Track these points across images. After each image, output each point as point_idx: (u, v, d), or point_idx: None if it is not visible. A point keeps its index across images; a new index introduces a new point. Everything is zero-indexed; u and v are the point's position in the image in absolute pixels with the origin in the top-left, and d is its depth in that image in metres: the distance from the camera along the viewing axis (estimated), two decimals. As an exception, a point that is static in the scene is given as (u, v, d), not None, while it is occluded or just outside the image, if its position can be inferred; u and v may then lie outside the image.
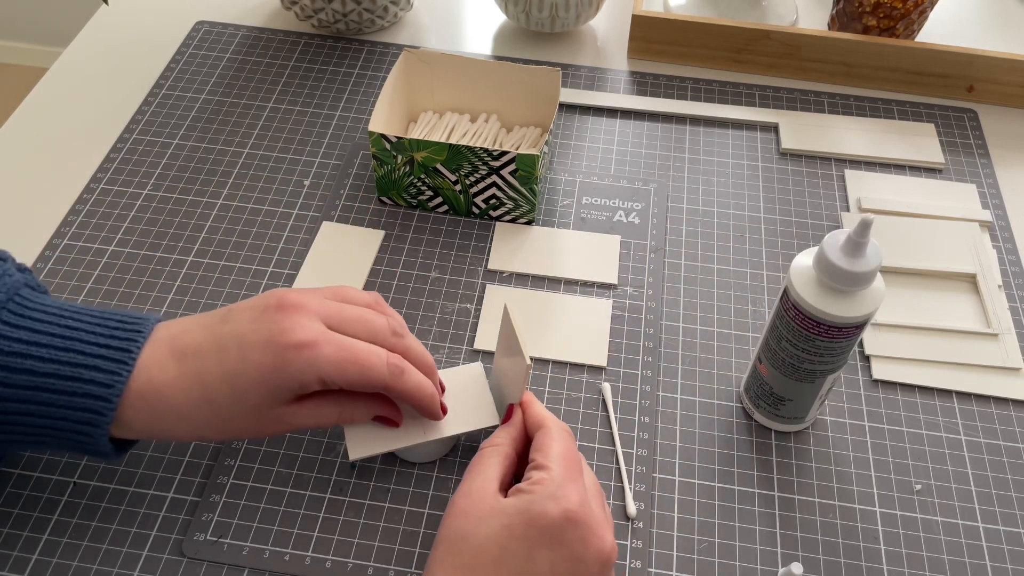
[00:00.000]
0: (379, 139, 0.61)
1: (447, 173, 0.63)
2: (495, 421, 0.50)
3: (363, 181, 0.68)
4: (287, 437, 0.54)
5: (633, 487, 0.52)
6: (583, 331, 0.59)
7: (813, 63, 0.77)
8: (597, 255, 0.64)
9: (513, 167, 0.61)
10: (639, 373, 0.58)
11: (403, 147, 0.61)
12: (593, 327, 0.60)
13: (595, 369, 0.58)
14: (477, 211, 0.65)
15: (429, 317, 0.60)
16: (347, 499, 0.51)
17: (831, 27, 0.80)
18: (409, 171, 0.63)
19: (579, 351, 0.58)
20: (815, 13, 0.85)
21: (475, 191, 0.64)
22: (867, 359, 0.59)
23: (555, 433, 0.46)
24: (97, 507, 0.50)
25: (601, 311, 0.60)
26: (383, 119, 0.64)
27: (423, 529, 0.50)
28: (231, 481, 0.51)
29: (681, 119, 0.75)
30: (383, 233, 0.65)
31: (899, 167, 0.72)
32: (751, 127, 0.74)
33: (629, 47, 0.80)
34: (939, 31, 0.83)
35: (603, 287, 0.62)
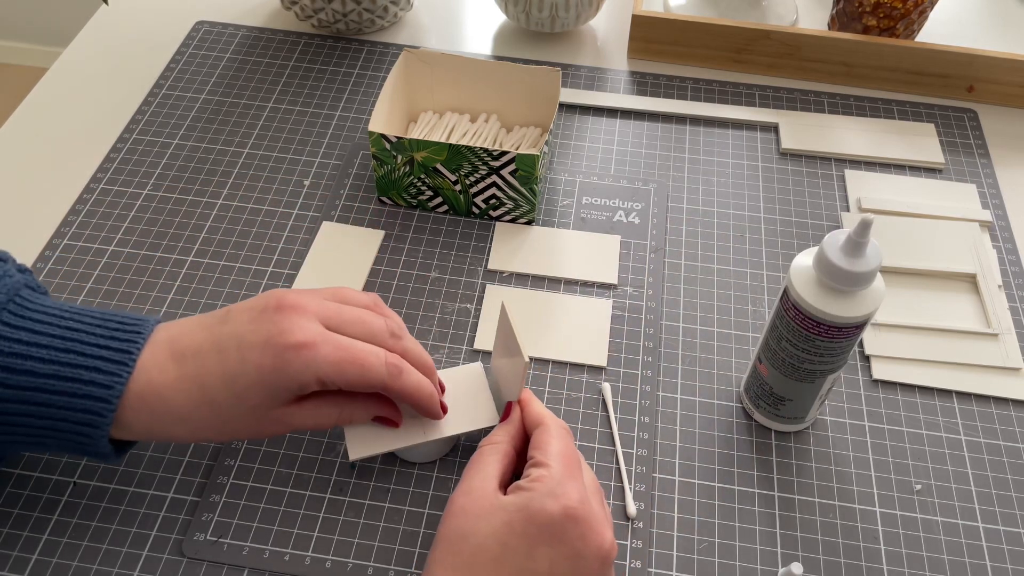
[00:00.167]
0: (379, 139, 0.61)
1: (447, 173, 0.63)
2: (495, 421, 0.50)
3: (363, 181, 0.68)
4: (287, 437, 0.54)
5: (633, 487, 0.52)
6: (583, 331, 0.59)
7: (813, 63, 0.77)
8: (597, 255, 0.64)
9: (513, 167, 0.61)
10: (639, 373, 0.58)
11: (403, 147, 0.61)
12: (593, 327, 0.60)
13: (595, 369, 0.58)
14: (477, 211, 0.65)
15: (429, 317, 0.60)
16: (347, 499, 0.51)
17: (831, 27, 0.80)
18: (409, 171, 0.63)
19: (579, 351, 0.58)
20: (815, 13, 0.85)
21: (475, 191, 0.64)
22: (867, 359, 0.59)
23: (553, 431, 0.46)
24: (97, 507, 0.50)
25: (601, 311, 0.60)
26: (383, 119, 0.64)
27: (423, 529, 0.50)
28: (231, 481, 0.51)
29: (681, 119, 0.75)
30: (383, 233, 0.65)
31: (899, 167, 0.72)
32: (751, 127, 0.74)
33: (629, 47, 0.79)
34: (939, 31, 0.83)
35: (603, 287, 0.62)
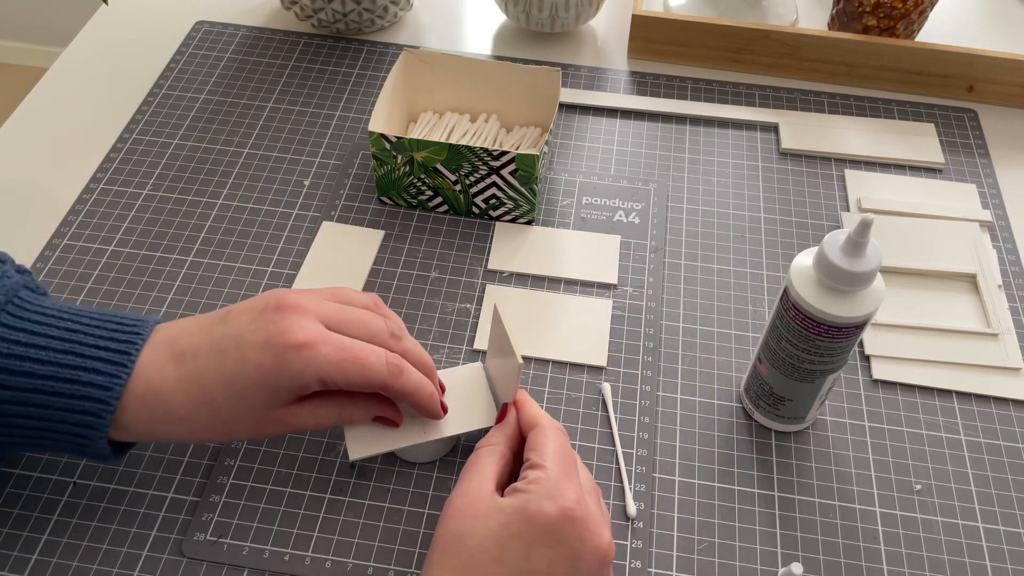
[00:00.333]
0: (379, 139, 0.61)
1: (447, 173, 0.63)
2: (495, 421, 0.50)
3: (363, 181, 0.68)
4: (287, 437, 0.54)
5: (633, 487, 0.52)
6: (583, 331, 0.59)
7: (813, 63, 0.77)
8: (597, 255, 0.64)
9: (513, 167, 0.61)
10: (639, 373, 0.58)
11: (403, 147, 0.61)
12: (593, 327, 0.60)
13: (595, 369, 0.58)
14: (477, 211, 0.65)
15: (429, 317, 0.60)
16: (347, 499, 0.51)
17: (831, 27, 0.80)
18: (409, 171, 0.63)
19: (579, 351, 0.58)
20: (815, 13, 0.84)
21: (475, 191, 0.64)
22: (867, 359, 0.59)
23: (549, 431, 0.46)
24: (97, 507, 0.50)
25: (601, 311, 0.60)
26: (383, 119, 0.64)
27: (423, 529, 0.50)
28: (231, 481, 0.51)
29: (681, 119, 0.75)
30: (383, 233, 0.65)
31: (899, 167, 0.71)
32: (751, 127, 0.74)
33: (629, 47, 0.79)
34: (939, 31, 0.83)
35: (603, 287, 0.62)
